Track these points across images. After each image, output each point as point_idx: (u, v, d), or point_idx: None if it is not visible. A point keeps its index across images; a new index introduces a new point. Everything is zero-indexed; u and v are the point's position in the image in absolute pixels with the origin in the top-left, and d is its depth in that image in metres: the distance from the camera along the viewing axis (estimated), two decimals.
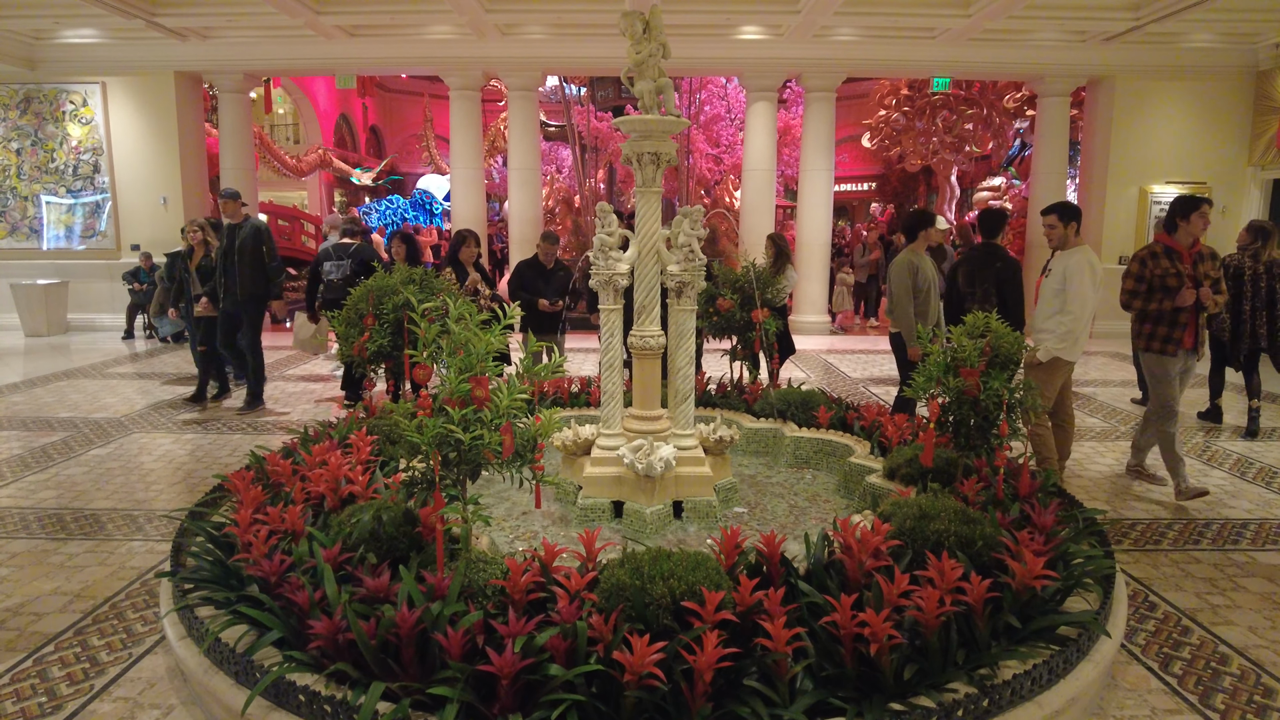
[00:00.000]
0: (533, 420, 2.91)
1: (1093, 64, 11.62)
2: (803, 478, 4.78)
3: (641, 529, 3.86)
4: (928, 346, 3.60)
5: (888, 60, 11.81)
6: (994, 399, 3.32)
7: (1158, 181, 11.86)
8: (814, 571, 2.88)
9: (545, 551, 2.85)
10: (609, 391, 4.05)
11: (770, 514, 4.22)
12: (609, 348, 4.02)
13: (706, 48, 11.54)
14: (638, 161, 3.96)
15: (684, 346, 3.99)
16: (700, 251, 3.88)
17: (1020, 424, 3.43)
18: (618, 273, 3.91)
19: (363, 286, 4.65)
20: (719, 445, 4.18)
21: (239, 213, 7.12)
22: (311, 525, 3.33)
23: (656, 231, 4.03)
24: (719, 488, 4.21)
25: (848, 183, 28.11)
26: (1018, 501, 3.45)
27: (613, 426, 4.09)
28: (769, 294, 5.57)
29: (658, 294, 4.11)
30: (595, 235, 3.95)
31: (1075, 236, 4.61)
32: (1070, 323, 4.50)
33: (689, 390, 4.05)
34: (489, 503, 4.38)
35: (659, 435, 4.13)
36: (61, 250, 12.43)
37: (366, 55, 11.91)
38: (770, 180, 12.26)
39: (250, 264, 7.02)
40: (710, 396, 5.68)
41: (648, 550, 2.77)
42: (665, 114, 3.93)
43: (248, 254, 7.01)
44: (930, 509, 3.11)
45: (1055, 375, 4.62)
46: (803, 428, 5.08)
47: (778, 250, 7.17)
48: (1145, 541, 4.27)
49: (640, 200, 4.04)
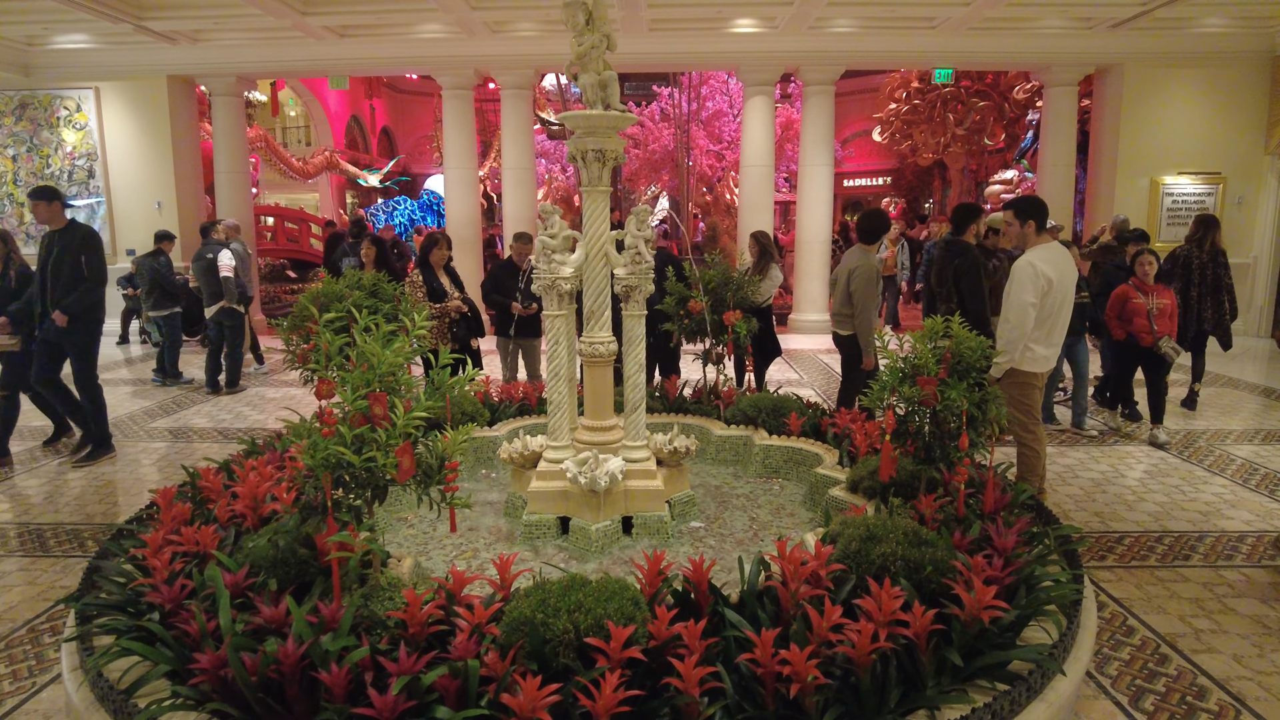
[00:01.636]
0: (440, 438, 2.71)
1: (1100, 51, 11.24)
2: (770, 488, 4.55)
3: (587, 547, 3.66)
4: (887, 353, 3.36)
5: (887, 52, 11.51)
6: (952, 411, 3.08)
7: (1170, 173, 11.46)
8: (746, 601, 2.66)
9: (454, 579, 2.65)
10: (554, 402, 3.85)
11: (729, 528, 4.00)
12: (554, 355, 3.81)
13: (700, 42, 11.30)
14: (582, 159, 3.76)
15: (634, 353, 3.78)
16: (648, 253, 3.67)
17: (983, 438, 3.18)
18: (561, 276, 3.71)
19: (309, 292, 4.47)
20: (674, 456, 3.97)
21: (59, 217, 5.81)
22: (233, 546, 3.16)
23: (605, 233, 3.83)
24: (674, 501, 4.00)
25: (862, 177, 27.78)
26: (981, 520, 3.21)
27: (560, 438, 3.88)
28: (745, 294, 5.34)
29: (608, 299, 3.90)
30: (538, 237, 3.75)
31: (1037, 235, 4.31)
32: (1007, 332, 4.21)
33: (640, 399, 3.84)
34: (435, 517, 4.20)
35: (611, 446, 3.93)
36: None
37: (357, 56, 11.80)
38: (769, 176, 12.00)
39: (70, 279, 5.71)
40: (684, 402, 5.46)
41: (561, 579, 2.57)
42: (610, 109, 3.72)
43: (66, 268, 5.70)
44: (878, 530, 2.88)
45: (1025, 390, 4.33)
46: (773, 435, 4.85)
47: (762, 249, 6.95)
48: (1131, 557, 4.00)
49: (587, 200, 3.84)
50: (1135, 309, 6.31)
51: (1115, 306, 6.45)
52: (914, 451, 3.30)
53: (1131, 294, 6.36)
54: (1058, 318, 4.27)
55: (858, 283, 5.19)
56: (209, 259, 8.26)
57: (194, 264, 8.50)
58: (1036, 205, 4.35)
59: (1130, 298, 6.36)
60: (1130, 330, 6.34)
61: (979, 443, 3.16)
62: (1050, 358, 4.32)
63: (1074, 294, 4.35)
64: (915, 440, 3.24)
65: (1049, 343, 4.29)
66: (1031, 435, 4.34)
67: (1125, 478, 5.32)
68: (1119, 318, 6.44)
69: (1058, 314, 4.26)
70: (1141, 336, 6.26)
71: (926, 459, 3.25)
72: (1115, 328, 6.45)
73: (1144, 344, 6.25)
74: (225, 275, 8.23)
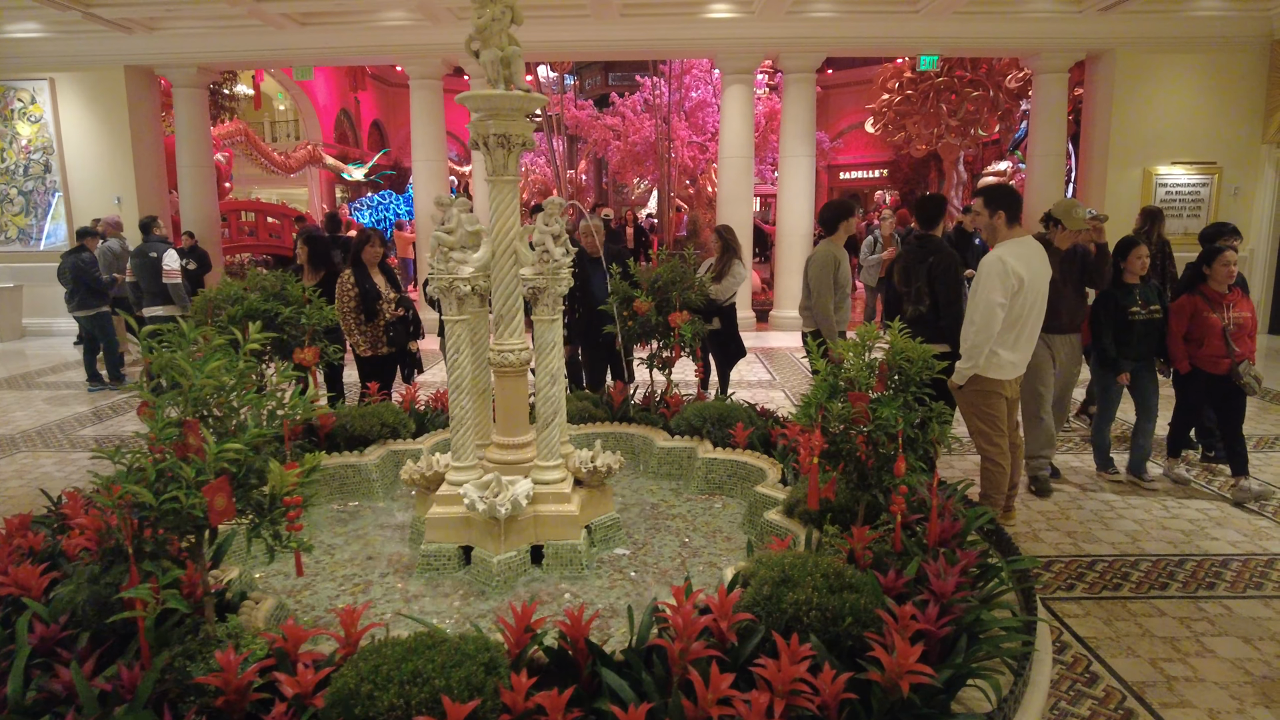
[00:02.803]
0: (281, 469, 2.32)
1: (1090, 36, 10.80)
2: (710, 507, 4.15)
3: (488, 581, 3.27)
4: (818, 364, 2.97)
5: (869, 37, 11.08)
6: (886, 431, 2.69)
7: (1163, 162, 11.03)
8: (630, 661, 2.26)
9: (289, 635, 2.26)
10: (456, 417, 3.45)
11: (657, 555, 3.60)
12: (455, 365, 3.41)
13: (675, 28, 10.87)
14: (484, 145, 3.36)
15: (546, 362, 3.38)
16: (557, 251, 3.26)
17: (924, 462, 2.78)
18: (460, 277, 3.31)
19: (201, 295, 4.08)
20: (595, 476, 3.57)
21: None
22: None
23: (514, 228, 3.42)
24: (596, 526, 3.61)
25: (858, 169, 27.39)
26: (924, 554, 2.81)
27: (464, 458, 3.49)
28: (691, 295, 4.93)
29: (519, 300, 3.50)
30: (433, 232, 3.35)
31: (1008, 227, 3.90)
32: (972, 335, 3.82)
33: (553, 414, 3.44)
34: (336, 543, 3.81)
35: (523, 466, 3.54)
36: (15, 253, 12.03)
37: (321, 45, 11.38)
38: (748, 168, 11.58)
39: None
40: (630, 410, 5.07)
41: (409, 637, 2.18)
42: (514, 89, 3.31)
43: None
44: (795, 571, 2.48)
45: (990, 399, 3.94)
46: (718, 447, 4.46)
47: (724, 244, 6.56)
48: (1103, 586, 3.61)
49: (492, 191, 3.43)
50: (1207, 327, 4.89)
51: (1179, 324, 5.06)
52: (846, 475, 2.91)
53: (1202, 307, 4.94)
54: (1028, 320, 3.87)
55: (813, 270, 4.83)
56: (152, 257, 7.86)
57: (133, 259, 8.09)
58: (1008, 195, 3.95)
59: (1200, 312, 4.94)
60: (1201, 355, 4.97)
61: (919, 467, 2.77)
62: (1019, 364, 3.92)
63: (1047, 293, 3.95)
64: (848, 463, 2.85)
65: (1017, 348, 3.89)
66: (996, 449, 3.94)
67: (1103, 490, 4.92)
68: (1185, 339, 5.08)
69: (1028, 316, 3.87)
70: (1215, 363, 4.90)
71: (861, 484, 2.85)
72: (1181, 354, 5.05)
73: (1217, 372, 4.92)
74: (175, 282, 7.80)
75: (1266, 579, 3.61)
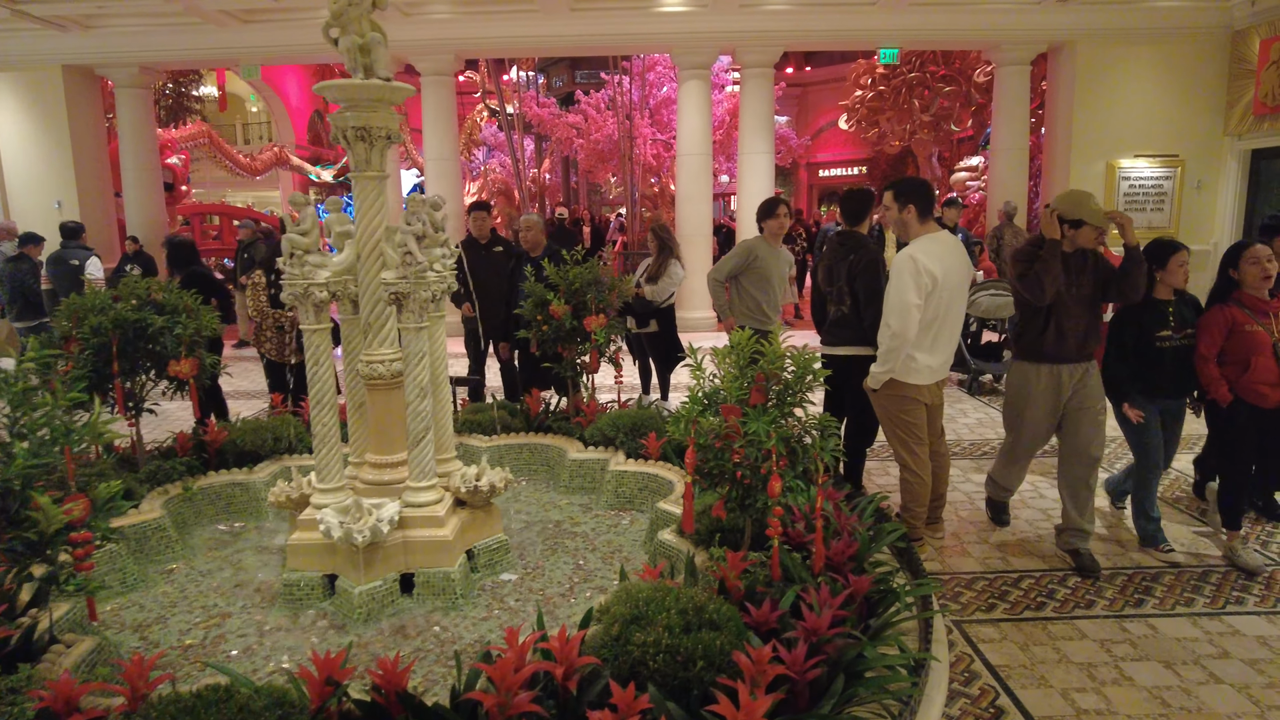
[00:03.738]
0: (50, 505, 2.04)
1: (1051, 28, 10.62)
2: (617, 524, 3.90)
3: (350, 613, 3.00)
4: (694, 373, 2.72)
5: (828, 31, 10.84)
6: (759, 448, 2.43)
7: (1126, 155, 10.86)
8: (444, 717, 2.00)
9: (60, 693, 1.98)
10: (320, 435, 3.18)
11: (547, 580, 3.35)
12: (316, 379, 3.14)
13: (628, 23, 10.61)
14: (345, 139, 3.09)
15: (414, 374, 3.11)
16: (420, 253, 2.99)
17: (803, 480, 2.53)
18: (315, 283, 3.04)
19: (66, 303, 3.79)
20: (477, 496, 3.30)
21: None
22: None
23: (379, 229, 3.16)
24: (479, 550, 3.35)
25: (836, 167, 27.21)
26: (799, 585, 2.56)
27: (330, 479, 3.21)
28: (607, 297, 4.67)
29: (388, 307, 3.23)
30: (286, 235, 3.07)
31: (920, 223, 3.66)
32: (887, 339, 3.57)
33: (424, 430, 3.16)
34: (208, 568, 3.54)
35: (397, 487, 3.27)
36: None
37: (265, 43, 11.04)
38: (706, 165, 11.33)
39: None
40: (548, 419, 4.80)
41: (192, 692, 1.91)
42: (373, 78, 3.05)
43: None
44: (651, 606, 2.23)
45: (907, 406, 3.70)
46: (629, 459, 4.20)
47: (660, 244, 6.31)
48: (1026, 605, 3.37)
49: (356, 188, 3.17)
50: (1252, 344, 3.76)
51: (1210, 341, 3.84)
52: (726, 496, 2.66)
53: (1241, 320, 3.80)
54: (944, 321, 3.63)
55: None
56: (73, 265, 7.54)
57: (48, 267, 7.73)
58: (919, 187, 3.70)
59: (1240, 326, 3.80)
60: (1244, 383, 3.80)
61: (797, 486, 2.52)
62: (936, 369, 3.68)
63: (965, 293, 3.71)
64: (722, 482, 2.60)
65: (934, 351, 3.65)
66: (915, 458, 3.70)
67: (1044, 497, 4.70)
68: (1220, 361, 3.86)
69: (944, 317, 3.63)
70: (1260, 393, 3.77)
71: (734, 509, 2.60)
72: (1216, 378, 3.83)
73: (1267, 405, 3.79)
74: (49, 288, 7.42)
75: (1199, 594, 3.38)
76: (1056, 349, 3.79)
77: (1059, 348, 3.78)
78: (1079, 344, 3.81)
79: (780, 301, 5.08)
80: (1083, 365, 3.84)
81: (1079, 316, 3.78)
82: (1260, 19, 10.00)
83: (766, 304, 4.89)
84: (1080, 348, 3.82)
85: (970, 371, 7.48)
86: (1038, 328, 3.81)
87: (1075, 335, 3.78)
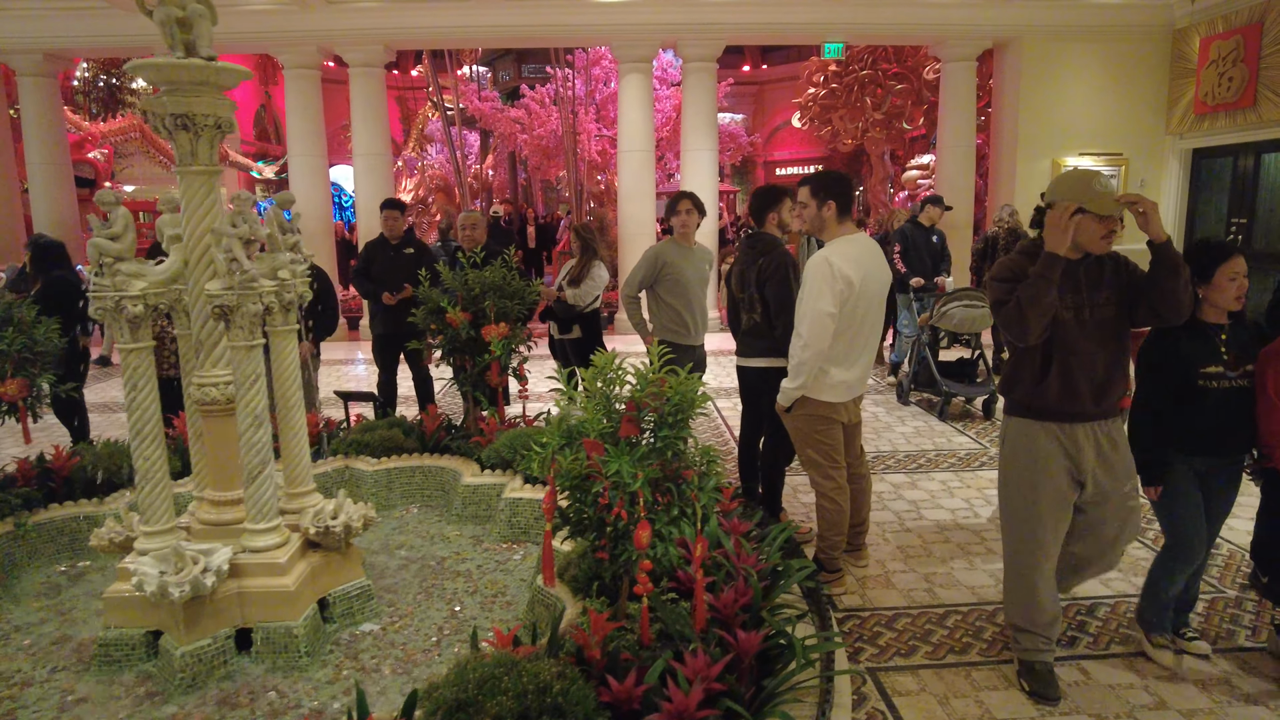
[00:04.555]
0: None
1: (995, 24, 10.45)
2: (506, 561, 3.52)
3: (171, 679, 2.58)
4: (558, 401, 2.34)
5: (773, 24, 10.53)
6: (620, 488, 2.07)
7: (1071, 153, 10.73)
8: None
9: None
10: (143, 471, 2.74)
11: (414, 631, 2.95)
12: (136, 405, 2.70)
13: (564, 13, 10.19)
14: (165, 128, 2.66)
15: (248, 400, 2.69)
16: (247, 260, 2.57)
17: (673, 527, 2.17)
18: (129, 295, 2.60)
19: None
20: (330, 538, 2.89)
21: None
22: None
23: (211, 233, 2.73)
24: (335, 598, 2.94)
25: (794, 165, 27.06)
26: (672, 650, 2.20)
27: (155, 520, 2.78)
28: (508, 304, 4.28)
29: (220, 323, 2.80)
30: (92, 239, 2.62)
31: (839, 221, 3.32)
32: (798, 351, 3.23)
33: (260, 464, 2.74)
34: (30, 620, 3.09)
35: (236, 527, 2.85)
36: None
37: None
38: (649, 162, 10.96)
39: None
40: (444, 439, 4.40)
41: None
42: (194, 56, 2.62)
43: None
44: (486, 688, 1.86)
45: (821, 426, 3.36)
46: (527, 484, 3.82)
47: (584, 244, 5.92)
48: (950, 648, 3.06)
49: (183, 185, 2.74)
50: None
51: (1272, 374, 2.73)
52: (592, 544, 2.29)
53: None
54: (859, 331, 3.30)
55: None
56: None
57: None
58: (838, 182, 3.35)
59: None
60: None
61: (669, 534, 2.16)
62: (853, 384, 3.35)
63: (884, 300, 3.39)
64: (586, 529, 2.23)
65: (850, 364, 3.31)
66: (831, 483, 3.37)
67: (982, 513, 4.42)
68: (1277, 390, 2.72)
69: (860, 326, 3.30)
70: None
71: (611, 555, 2.24)
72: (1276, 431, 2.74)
73: None
74: None
75: (1136, 627, 3.10)
76: (1064, 403, 2.66)
77: (1067, 401, 2.65)
78: (1096, 393, 2.66)
79: (706, 308, 4.69)
80: (1106, 424, 2.72)
81: (1093, 353, 2.63)
82: (1200, 17, 9.93)
83: (688, 313, 4.42)
84: (1099, 398, 2.66)
85: (942, 394, 6.47)
86: (1033, 372, 2.69)
87: (1090, 381, 2.64)
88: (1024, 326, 2.57)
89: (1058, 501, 2.73)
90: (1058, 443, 2.70)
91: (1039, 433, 2.72)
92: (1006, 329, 2.65)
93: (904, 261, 7.30)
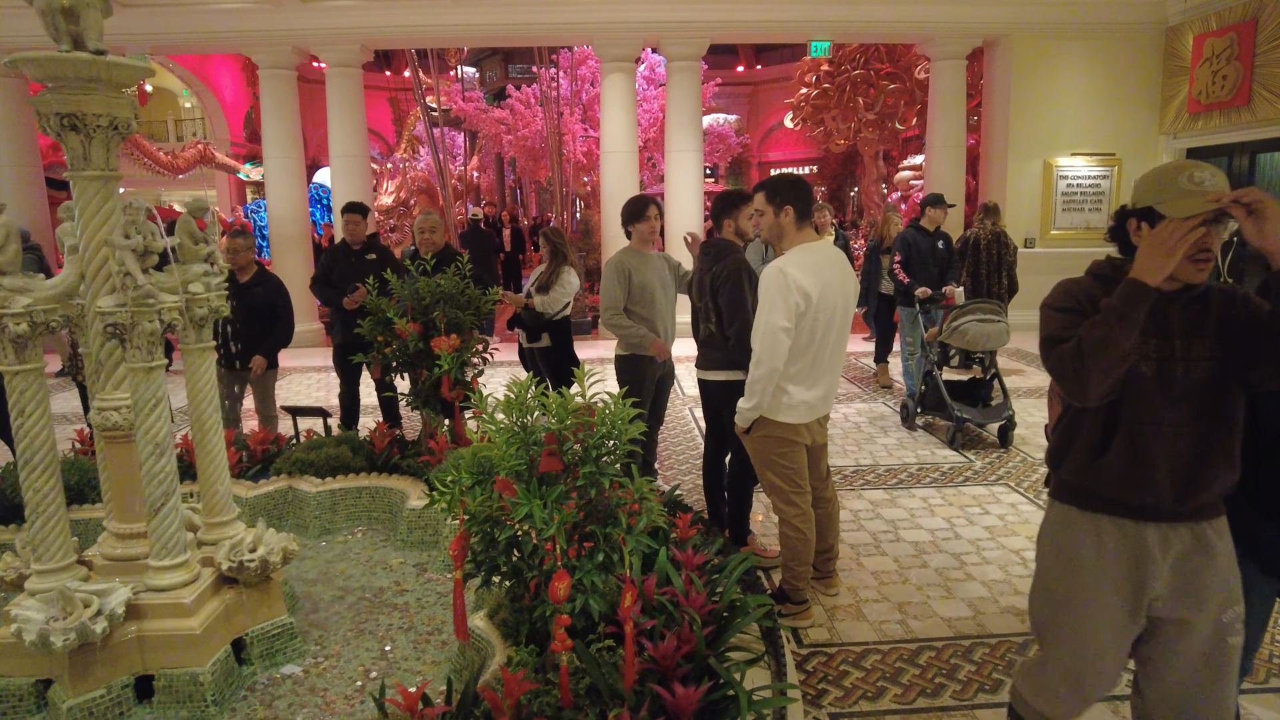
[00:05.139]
0: None
1: (985, 21, 10.26)
2: (449, 592, 3.28)
3: None
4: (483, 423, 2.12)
5: (757, 22, 10.33)
6: (534, 535, 1.84)
7: (1063, 153, 10.53)
8: None
9: None
10: (32, 504, 2.51)
11: (340, 673, 2.72)
12: (24, 433, 2.47)
13: (545, 11, 9.98)
14: (51, 128, 2.42)
15: (148, 426, 2.46)
16: (140, 273, 2.34)
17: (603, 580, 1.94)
18: (12, 313, 2.36)
19: None
20: (246, 573, 2.66)
21: None
22: None
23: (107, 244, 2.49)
24: (253, 638, 2.71)
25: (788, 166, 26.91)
26: (607, 701, 1.97)
27: (49, 557, 2.54)
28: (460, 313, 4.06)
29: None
30: None
31: (797, 228, 3.09)
32: (753, 368, 3.01)
33: (164, 496, 2.51)
34: None
35: (140, 563, 2.62)
36: None
37: (153, 30, 10.16)
38: (632, 163, 10.74)
39: None
40: (395, 456, 4.17)
41: None
42: (83, 49, 2.39)
43: None
44: None
45: (782, 449, 3.13)
46: None
47: (553, 249, 5.69)
48: (921, 690, 2.84)
49: (76, 192, 2.51)
50: None
51: None
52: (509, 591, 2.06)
53: None
54: (821, 347, 3.07)
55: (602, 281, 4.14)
56: None
57: None
58: (794, 186, 3.12)
59: None
60: None
61: (594, 590, 1.93)
62: (815, 404, 3.12)
63: (850, 313, 3.16)
64: (503, 576, 2.00)
65: (812, 383, 3.08)
66: (794, 509, 3.15)
67: (964, 533, 4.19)
68: None
69: (821, 342, 3.07)
70: None
71: (513, 609, 2.01)
72: None
73: None
74: None
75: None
76: (1129, 491, 1.88)
77: (1134, 488, 1.88)
78: (1181, 484, 1.85)
79: (674, 314, 4.47)
80: (1189, 527, 1.88)
81: (1181, 425, 1.85)
82: (1193, 14, 9.73)
83: (659, 322, 4.20)
84: (1185, 492, 1.86)
85: (953, 419, 5.74)
86: (1090, 443, 1.93)
87: (1171, 465, 1.85)
88: (1083, 379, 1.79)
89: (1096, 625, 1.94)
90: (1114, 542, 1.91)
91: (1086, 529, 1.95)
92: (1061, 379, 1.86)
93: (906, 271, 6.63)
